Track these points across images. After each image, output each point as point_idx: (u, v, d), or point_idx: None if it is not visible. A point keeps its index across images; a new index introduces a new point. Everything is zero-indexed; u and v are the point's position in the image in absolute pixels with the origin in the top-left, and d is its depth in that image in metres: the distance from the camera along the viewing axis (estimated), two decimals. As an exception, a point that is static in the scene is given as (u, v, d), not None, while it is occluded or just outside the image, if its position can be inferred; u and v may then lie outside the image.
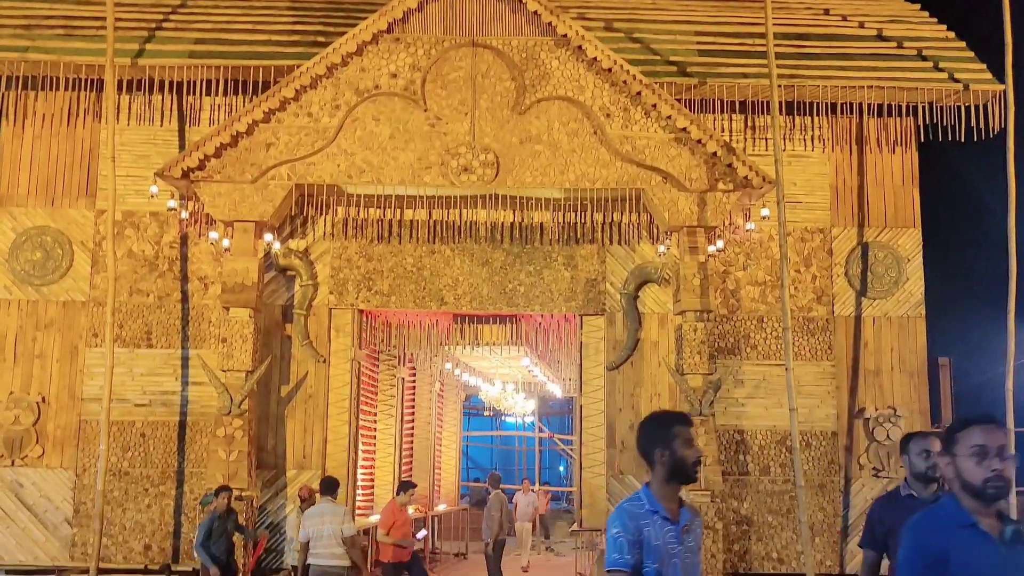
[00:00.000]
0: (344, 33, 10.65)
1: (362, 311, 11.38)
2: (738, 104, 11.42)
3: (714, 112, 11.35)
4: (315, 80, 10.52)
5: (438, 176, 10.56)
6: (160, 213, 11.09)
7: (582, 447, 11.47)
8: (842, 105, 11.29)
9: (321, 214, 11.13)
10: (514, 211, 10.94)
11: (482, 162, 10.53)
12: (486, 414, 27.41)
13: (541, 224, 11.18)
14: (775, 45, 10.46)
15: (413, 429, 15.31)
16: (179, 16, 11.54)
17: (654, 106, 10.49)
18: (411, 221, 11.14)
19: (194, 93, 11.23)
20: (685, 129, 10.44)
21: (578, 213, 10.98)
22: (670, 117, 10.46)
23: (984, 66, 11.37)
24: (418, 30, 10.72)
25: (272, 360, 10.82)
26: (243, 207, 10.48)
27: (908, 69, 11.36)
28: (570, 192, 10.75)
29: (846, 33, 11.83)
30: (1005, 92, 10.80)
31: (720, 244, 10.70)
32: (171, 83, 11.22)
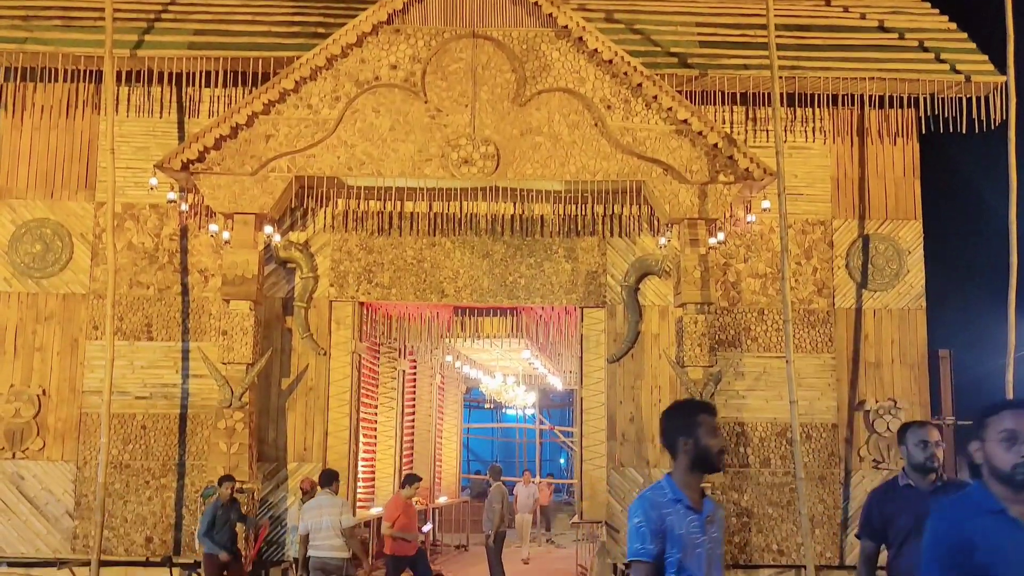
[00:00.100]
0: (344, 24, 10.60)
1: (363, 303, 11.37)
2: (739, 95, 11.39)
3: (715, 104, 11.30)
4: (315, 71, 10.47)
5: (438, 168, 10.53)
6: (160, 205, 11.06)
7: (582, 439, 11.45)
8: (843, 97, 11.25)
9: (321, 206, 11.11)
10: (515, 203, 10.93)
11: (482, 154, 10.50)
12: (487, 406, 27.42)
13: (542, 216, 11.15)
14: (776, 36, 10.42)
15: (414, 422, 15.33)
16: (178, 7, 11.49)
17: (655, 98, 10.45)
18: (411, 213, 11.12)
19: (193, 84, 11.19)
20: (686, 121, 10.41)
21: (579, 205, 10.95)
22: (671, 109, 10.42)
23: (986, 58, 11.32)
24: (418, 21, 10.68)
25: (273, 353, 10.81)
26: (243, 199, 10.45)
27: (910, 60, 11.32)
28: (571, 184, 10.73)
29: (848, 24, 11.79)
30: (1007, 84, 10.80)
31: (721, 236, 10.68)
32: (170, 74, 11.20)
